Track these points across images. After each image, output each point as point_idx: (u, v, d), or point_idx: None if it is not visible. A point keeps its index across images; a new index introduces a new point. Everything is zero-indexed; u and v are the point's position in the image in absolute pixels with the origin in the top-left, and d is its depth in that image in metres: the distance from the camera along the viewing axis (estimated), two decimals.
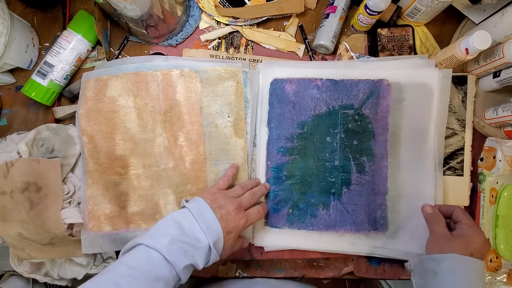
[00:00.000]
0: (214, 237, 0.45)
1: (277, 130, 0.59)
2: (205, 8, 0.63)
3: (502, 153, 0.59)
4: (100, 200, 0.58)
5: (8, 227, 0.54)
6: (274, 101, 0.59)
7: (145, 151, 0.58)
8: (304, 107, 0.59)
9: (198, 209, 0.47)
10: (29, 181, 0.53)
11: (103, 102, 0.58)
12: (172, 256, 0.42)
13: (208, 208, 0.47)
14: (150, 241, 0.42)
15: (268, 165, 0.59)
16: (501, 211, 0.58)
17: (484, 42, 0.50)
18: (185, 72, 0.58)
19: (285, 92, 0.59)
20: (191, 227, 0.45)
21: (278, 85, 0.59)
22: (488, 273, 0.58)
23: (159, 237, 0.43)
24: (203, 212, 0.46)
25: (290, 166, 0.58)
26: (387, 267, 0.60)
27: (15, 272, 0.60)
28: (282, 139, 0.59)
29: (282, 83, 0.59)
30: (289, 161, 0.58)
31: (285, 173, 0.58)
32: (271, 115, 0.59)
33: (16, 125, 0.65)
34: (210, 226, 0.45)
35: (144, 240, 0.43)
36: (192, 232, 0.44)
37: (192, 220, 0.45)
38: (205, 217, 0.46)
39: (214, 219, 0.46)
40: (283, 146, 0.59)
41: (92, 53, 0.65)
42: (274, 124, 0.59)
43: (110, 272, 0.40)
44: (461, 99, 0.60)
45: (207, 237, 0.44)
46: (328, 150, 0.57)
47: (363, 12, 0.57)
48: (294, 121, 0.59)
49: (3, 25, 0.56)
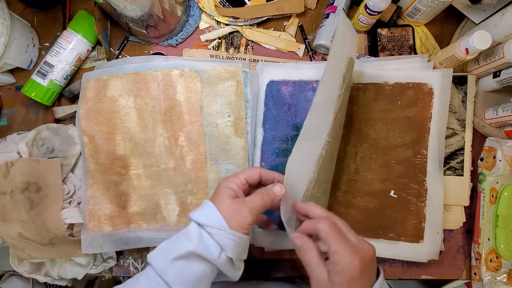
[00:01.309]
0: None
1: (272, 132, 0.59)
2: (205, 8, 0.63)
3: (502, 153, 0.59)
4: (101, 200, 0.58)
5: (8, 227, 0.54)
6: (269, 102, 0.60)
7: (145, 151, 0.58)
8: (300, 109, 0.59)
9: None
10: (29, 181, 0.53)
11: (103, 102, 0.58)
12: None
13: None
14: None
15: (262, 166, 0.59)
16: (501, 211, 0.58)
17: (484, 42, 0.50)
18: (185, 72, 0.58)
19: (281, 94, 0.59)
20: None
21: (274, 86, 0.60)
22: (488, 273, 0.58)
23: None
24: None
25: (284, 168, 0.58)
26: (387, 267, 0.60)
27: (15, 272, 0.60)
28: (277, 141, 0.59)
29: (278, 85, 0.60)
30: (283, 163, 0.58)
31: None
32: (266, 116, 0.60)
33: (16, 125, 0.65)
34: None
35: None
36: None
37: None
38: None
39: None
40: (277, 148, 0.59)
41: (92, 53, 0.65)
42: (269, 125, 0.59)
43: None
44: (461, 99, 0.60)
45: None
46: None
47: (363, 12, 0.57)
48: (289, 122, 0.59)
49: (3, 25, 0.56)
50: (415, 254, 0.57)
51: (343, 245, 0.37)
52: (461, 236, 0.61)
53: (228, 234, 0.40)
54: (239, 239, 0.41)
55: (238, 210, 0.41)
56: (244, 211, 0.41)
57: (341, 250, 0.37)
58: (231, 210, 0.41)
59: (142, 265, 0.62)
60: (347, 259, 0.36)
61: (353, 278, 0.36)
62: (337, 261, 0.37)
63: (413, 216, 0.57)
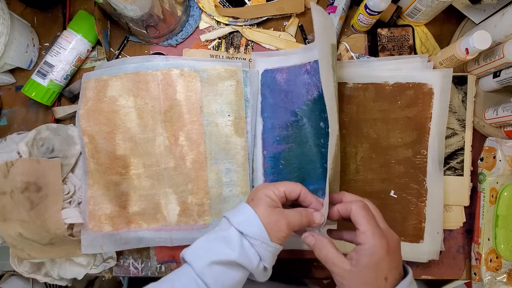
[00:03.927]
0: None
1: (271, 120, 0.59)
2: (205, 8, 0.63)
3: (502, 153, 0.59)
4: (101, 200, 0.58)
5: (8, 227, 0.54)
6: (266, 91, 0.59)
7: (145, 151, 0.58)
8: (297, 94, 0.58)
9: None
10: (29, 181, 0.53)
11: (103, 102, 0.58)
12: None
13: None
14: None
15: (264, 154, 0.58)
16: (501, 211, 0.58)
17: (484, 42, 0.50)
18: (185, 72, 0.58)
19: (276, 81, 0.59)
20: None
21: (269, 75, 0.59)
22: (488, 273, 0.58)
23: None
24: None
25: (287, 155, 0.58)
26: None
27: (15, 272, 0.60)
28: (277, 128, 0.58)
29: (273, 73, 0.59)
30: (286, 150, 0.58)
31: (282, 161, 0.58)
32: (264, 106, 0.59)
33: (16, 125, 0.65)
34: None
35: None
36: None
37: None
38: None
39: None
40: (278, 135, 0.58)
41: (92, 53, 0.65)
42: (267, 114, 0.59)
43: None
44: (461, 99, 0.60)
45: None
46: (322, 136, 0.56)
47: (363, 12, 0.57)
48: (287, 109, 0.58)
49: (3, 25, 0.56)
50: (415, 254, 0.57)
51: (372, 227, 0.38)
52: (461, 236, 0.61)
53: (269, 246, 0.40)
54: (277, 250, 0.41)
55: (277, 222, 0.41)
56: (283, 224, 0.41)
57: (369, 230, 0.37)
58: (271, 220, 0.41)
59: (142, 265, 0.62)
60: (375, 240, 0.37)
61: (380, 260, 0.37)
62: (365, 242, 0.37)
63: (413, 216, 0.57)
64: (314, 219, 0.43)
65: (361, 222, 0.38)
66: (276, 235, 0.41)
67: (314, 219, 0.43)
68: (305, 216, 0.43)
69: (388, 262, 0.37)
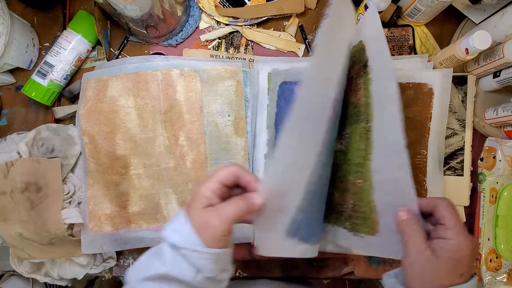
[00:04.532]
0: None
1: None
2: (205, 8, 0.63)
3: (502, 153, 0.59)
4: (101, 200, 0.58)
5: (8, 227, 0.54)
6: (282, 103, 0.59)
7: (145, 150, 0.58)
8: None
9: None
10: (29, 181, 0.53)
11: (103, 102, 0.58)
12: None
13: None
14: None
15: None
16: (501, 211, 0.58)
17: (484, 42, 0.50)
18: (185, 72, 0.58)
19: (294, 94, 0.59)
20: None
21: (287, 87, 0.59)
22: (488, 273, 0.58)
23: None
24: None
25: None
26: (387, 267, 0.60)
27: (15, 272, 0.60)
28: None
29: (291, 86, 0.59)
30: None
31: None
32: (280, 117, 0.59)
33: (16, 125, 0.65)
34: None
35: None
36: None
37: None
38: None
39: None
40: None
41: (92, 53, 0.65)
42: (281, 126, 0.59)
43: None
44: (461, 99, 0.60)
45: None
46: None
47: (363, 12, 0.57)
48: None
49: (3, 25, 0.56)
50: None
51: (459, 224, 0.38)
52: None
53: (202, 254, 0.36)
54: (216, 256, 0.37)
55: (207, 221, 0.36)
56: (214, 221, 0.36)
57: (457, 227, 0.37)
58: (202, 221, 0.36)
59: None
60: (462, 237, 0.37)
61: (463, 257, 0.37)
62: (452, 237, 0.37)
63: None
64: (254, 201, 0.38)
65: (449, 218, 0.38)
66: (211, 237, 0.36)
67: (254, 201, 0.38)
68: (242, 202, 0.37)
69: (468, 261, 0.37)
